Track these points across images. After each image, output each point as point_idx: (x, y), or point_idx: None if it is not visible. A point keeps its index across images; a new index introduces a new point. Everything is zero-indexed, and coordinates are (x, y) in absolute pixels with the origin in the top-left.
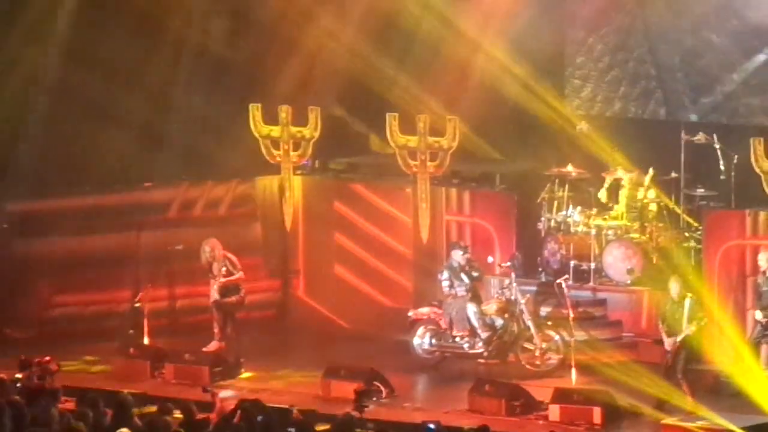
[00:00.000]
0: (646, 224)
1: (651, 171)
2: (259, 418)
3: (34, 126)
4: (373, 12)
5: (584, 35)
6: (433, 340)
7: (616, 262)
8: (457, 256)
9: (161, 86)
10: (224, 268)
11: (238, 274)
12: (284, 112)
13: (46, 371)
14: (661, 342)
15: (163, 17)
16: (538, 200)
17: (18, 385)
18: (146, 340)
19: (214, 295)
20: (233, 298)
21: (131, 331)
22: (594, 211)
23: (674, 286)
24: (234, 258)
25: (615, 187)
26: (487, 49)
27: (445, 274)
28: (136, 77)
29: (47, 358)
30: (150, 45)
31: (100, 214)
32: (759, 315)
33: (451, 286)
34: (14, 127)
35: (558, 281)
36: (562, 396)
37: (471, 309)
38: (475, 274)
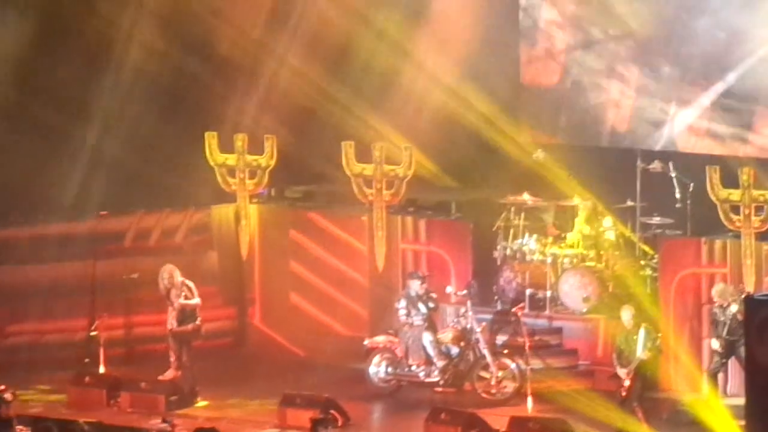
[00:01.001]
0: (602, 252)
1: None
2: None
3: None
4: (328, 41)
5: (539, 63)
6: (389, 369)
7: (572, 290)
8: (415, 286)
9: (116, 114)
10: (182, 295)
11: (195, 300)
12: (240, 140)
13: (2, 400)
14: (616, 377)
15: (118, 46)
16: (494, 228)
17: None
18: (102, 369)
19: (172, 322)
20: (189, 326)
21: (87, 360)
22: (550, 239)
23: (627, 314)
24: (192, 285)
25: (571, 215)
26: (443, 77)
27: (402, 303)
28: (91, 105)
29: (2, 387)
30: (105, 73)
31: (55, 243)
32: (716, 344)
33: (408, 314)
34: None
35: (514, 309)
36: (518, 425)
37: (427, 338)
38: (431, 305)
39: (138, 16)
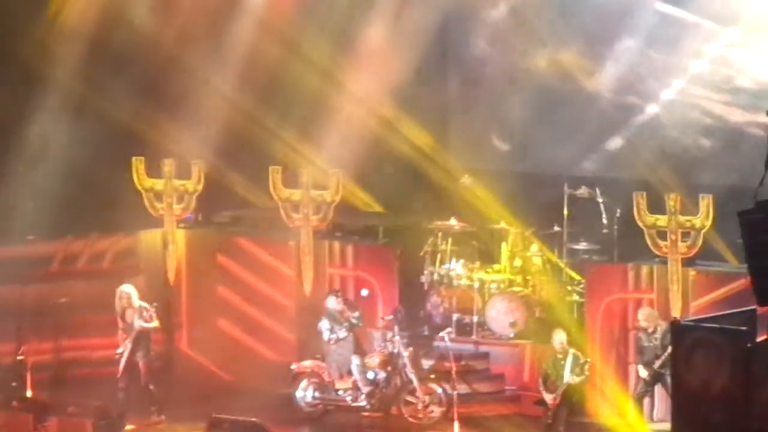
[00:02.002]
0: (529, 278)
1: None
2: None
3: None
4: (258, 67)
5: (466, 88)
6: (316, 393)
7: (499, 315)
8: (332, 303)
9: (43, 139)
10: (142, 318)
11: (155, 324)
12: (167, 165)
13: None
14: (542, 403)
15: (46, 70)
16: (421, 253)
17: None
18: (29, 393)
19: (126, 344)
20: (141, 353)
21: (14, 384)
22: (477, 264)
23: (558, 338)
24: (149, 307)
25: (498, 241)
26: (371, 104)
27: (324, 322)
28: (18, 131)
29: None
30: (32, 98)
31: None
32: (643, 372)
33: (332, 330)
34: None
35: (441, 335)
36: None
37: (354, 361)
38: (355, 314)
39: (66, 40)
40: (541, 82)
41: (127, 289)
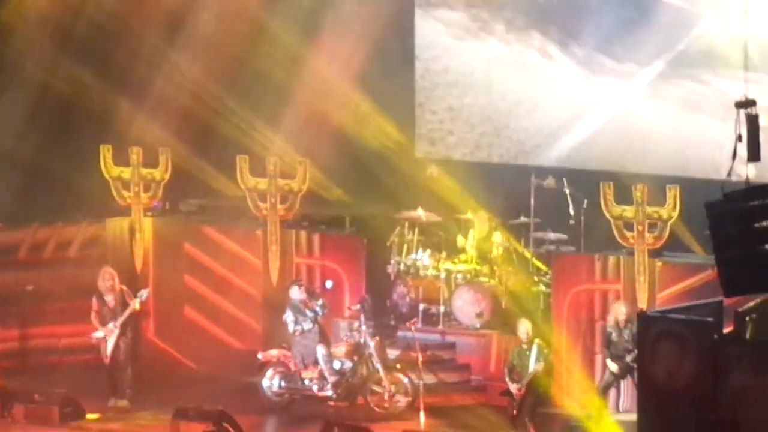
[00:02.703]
0: (495, 268)
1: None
2: None
3: None
4: (225, 54)
5: (432, 77)
6: (282, 382)
7: (465, 305)
8: (295, 293)
9: (10, 126)
10: (134, 301)
11: (134, 303)
12: (135, 153)
13: None
14: (508, 393)
15: (13, 57)
16: (388, 243)
17: None
18: None
19: (113, 328)
20: (130, 335)
21: None
22: (443, 254)
23: (523, 328)
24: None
25: (465, 230)
26: (338, 93)
27: (288, 313)
28: None
29: None
30: (1, 86)
31: None
32: (613, 366)
33: (296, 322)
34: None
35: (407, 324)
36: None
37: (320, 351)
38: (319, 303)
39: (31, 25)
40: (507, 70)
41: (111, 272)
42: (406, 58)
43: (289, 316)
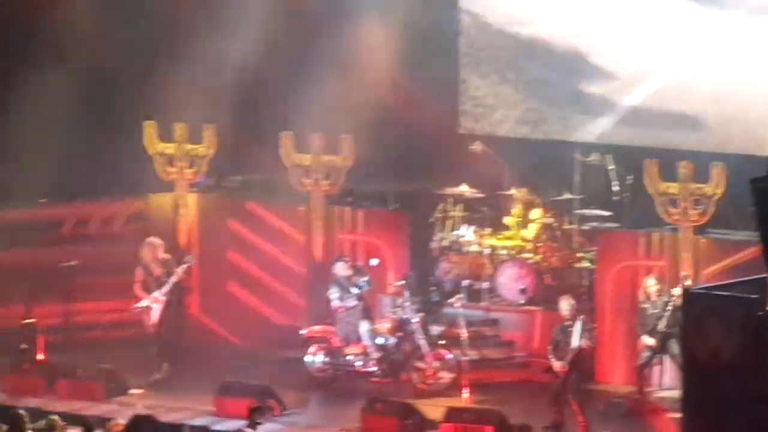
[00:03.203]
0: (539, 244)
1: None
2: None
3: None
4: (268, 29)
5: (478, 53)
6: (326, 358)
7: (509, 281)
8: (340, 269)
9: (54, 101)
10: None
11: (180, 270)
12: (179, 129)
13: None
14: (551, 370)
15: (58, 32)
16: (432, 220)
17: None
18: (40, 356)
19: (159, 297)
20: (176, 307)
21: (24, 347)
22: (487, 230)
23: (566, 305)
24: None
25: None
26: (382, 68)
27: (333, 289)
28: (30, 94)
29: None
30: (45, 61)
31: None
32: (649, 340)
33: (341, 298)
34: None
35: (451, 300)
36: (453, 415)
37: (363, 327)
38: (364, 279)
39: (75, 1)
40: (551, 45)
41: (157, 241)
42: (450, 33)
43: (333, 293)
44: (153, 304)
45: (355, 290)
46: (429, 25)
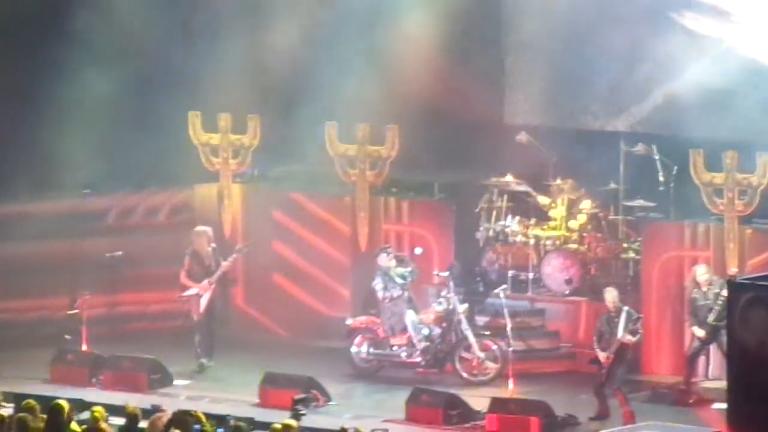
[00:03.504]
0: (584, 235)
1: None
2: (196, 427)
3: None
4: (312, 19)
5: (522, 42)
6: (371, 349)
7: (554, 272)
8: (383, 260)
9: (100, 92)
10: (208, 258)
11: (231, 258)
12: (224, 120)
13: None
14: (597, 361)
15: (101, 21)
16: (477, 210)
17: None
18: (84, 347)
19: (208, 284)
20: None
21: (68, 338)
22: (533, 221)
23: (610, 296)
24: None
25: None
26: (427, 58)
27: (377, 279)
28: (76, 85)
29: None
30: (91, 53)
31: (37, 221)
32: (699, 332)
33: (385, 288)
34: None
35: (496, 291)
36: (499, 406)
37: (409, 318)
38: (408, 269)
39: None
40: (599, 34)
41: (207, 229)
42: (496, 23)
43: (378, 283)
44: (202, 292)
45: (399, 280)
46: (474, 14)
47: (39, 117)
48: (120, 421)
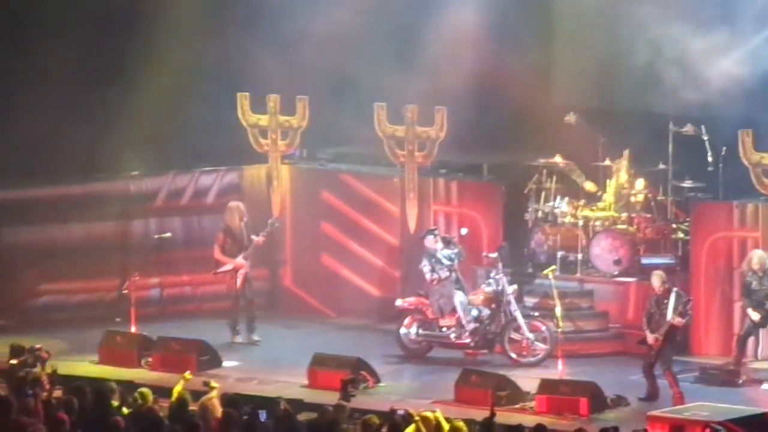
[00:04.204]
0: (633, 215)
1: (626, 152)
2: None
3: (17, 114)
4: (363, 4)
5: (570, 24)
6: (420, 330)
7: (603, 253)
8: (430, 242)
9: (149, 75)
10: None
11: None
12: (272, 101)
13: (38, 358)
14: (646, 342)
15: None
16: (526, 191)
17: None
18: (133, 329)
19: (244, 261)
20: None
21: (118, 320)
22: (581, 202)
23: (656, 282)
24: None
25: (603, 178)
26: (476, 39)
27: (424, 262)
28: (125, 67)
29: (38, 346)
30: (139, 36)
31: (87, 203)
32: (755, 315)
33: (432, 270)
34: None
35: (545, 272)
36: (548, 387)
37: (458, 299)
38: (455, 251)
39: None
40: (643, 17)
41: (240, 205)
42: (544, 4)
43: (425, 266)
44: (238, 269)
45: (446, 262)
46: None
47: (88, 102)
48: (168, 403)
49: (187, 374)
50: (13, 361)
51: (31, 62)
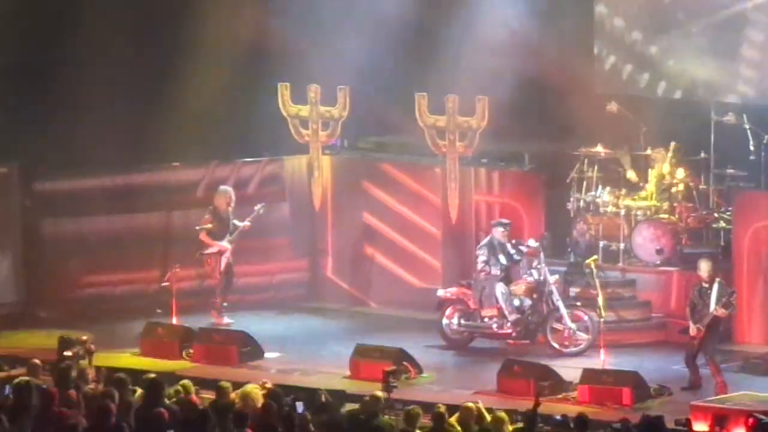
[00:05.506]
0: (675, 204)
1: (673, 144)
2: (288, 398)
3: (61, 106)
4: None
5: (611, 12)
6: (462, 321)
7: (645, 242)
8: (497, 234)
9: (190, 66)
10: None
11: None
12: (313, 91)
13: (87, 351)
14: (686, 331)
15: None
16: (567, 180)
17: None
18: (174, 320)
19: (226, 245)
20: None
21: (159, 311)
22: (623, 191)
23: (704, 266)
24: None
25: (644, 167)
26: (516, 29)
27: (483, 250)
28: (169, 59)
29: (84, 337)
30: (183, 27)
31: (129, 194)
32: None
33: (487, 262)
34: (41, 107)
35: (587, 261)
36: (591, 377)
37: (500, 289)
38: (516, 257)
39: None
40: (689, 5)
41: (229, 189)
42: None
43: (483, 254)
44: (223, 252)
45: (503, 260)
46: None
47: (128, 92)
48: (210, 394)
49: (267, 383)
50: (67, 353)
51: (77, 54)
